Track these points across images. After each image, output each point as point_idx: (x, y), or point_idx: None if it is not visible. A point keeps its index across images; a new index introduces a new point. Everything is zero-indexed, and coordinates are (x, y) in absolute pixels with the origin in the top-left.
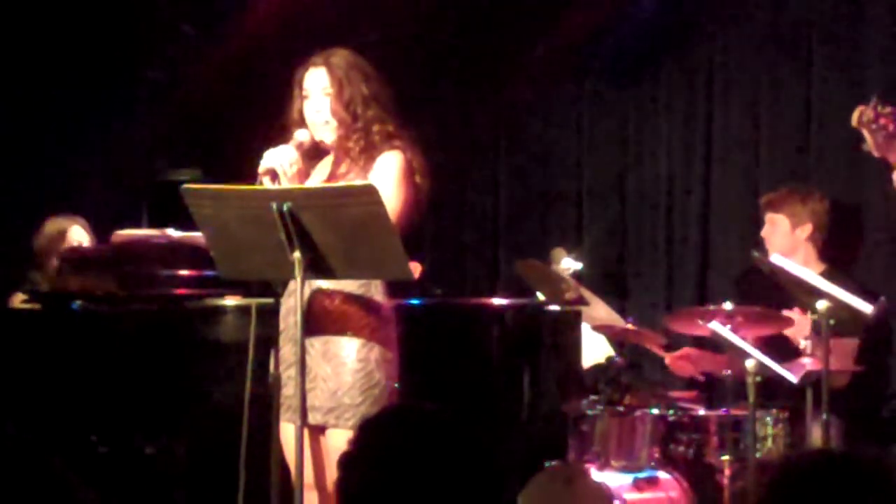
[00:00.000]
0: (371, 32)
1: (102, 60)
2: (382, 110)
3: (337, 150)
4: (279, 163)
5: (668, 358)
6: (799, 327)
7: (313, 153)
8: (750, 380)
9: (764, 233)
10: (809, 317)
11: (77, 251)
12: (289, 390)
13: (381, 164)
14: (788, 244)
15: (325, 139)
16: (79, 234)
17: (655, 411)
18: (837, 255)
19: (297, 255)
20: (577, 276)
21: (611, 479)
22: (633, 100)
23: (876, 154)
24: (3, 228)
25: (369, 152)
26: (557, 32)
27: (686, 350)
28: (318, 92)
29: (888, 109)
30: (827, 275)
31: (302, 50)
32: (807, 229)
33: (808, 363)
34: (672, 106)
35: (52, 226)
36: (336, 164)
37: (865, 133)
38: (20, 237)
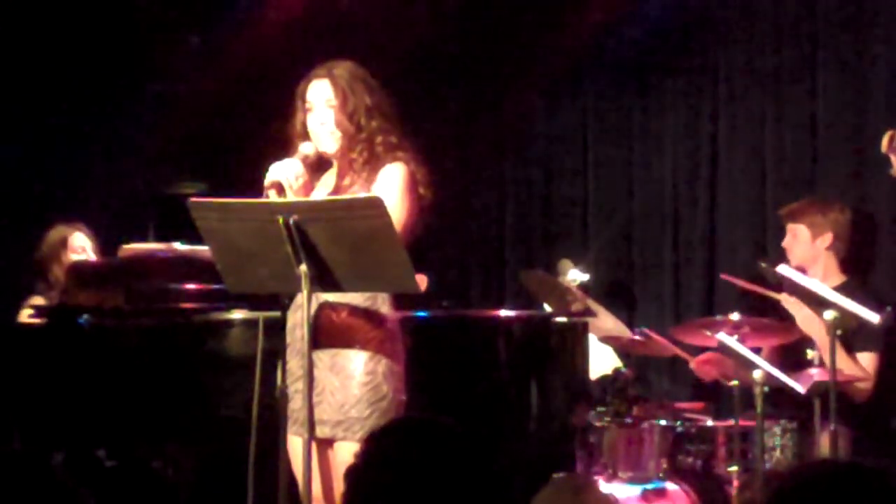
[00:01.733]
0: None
1: (107, 73)
2: (386, 121)
3: (340, 161)
4: (285, 176)
5: (694, 362)
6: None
7: (318, 166)
8: (757, 390)
9: (785, 243)
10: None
11: (84, 266)
12: (296, 404)
13: (384, 175)
14: (809, 254)
15: (329, 151)
16: (81, 241)
17: (663, 422)
18: (855, 266)
19: (303, 268)
20: (583, 286)
21: (619, 490)
22: (638, 107)
23: None
24: (8, 243)
25: (373, 164)
26: (562, 39)
27: (711, 354)
28: (321, 104)
29: None
30: (845, 286)
31: (306, 62)
32: (827, 239)
33: (815, 374)
34: (677, 114)
35: (54, 234)
36: (340, 176)
37: (893, 158)
38: (26, 252)
